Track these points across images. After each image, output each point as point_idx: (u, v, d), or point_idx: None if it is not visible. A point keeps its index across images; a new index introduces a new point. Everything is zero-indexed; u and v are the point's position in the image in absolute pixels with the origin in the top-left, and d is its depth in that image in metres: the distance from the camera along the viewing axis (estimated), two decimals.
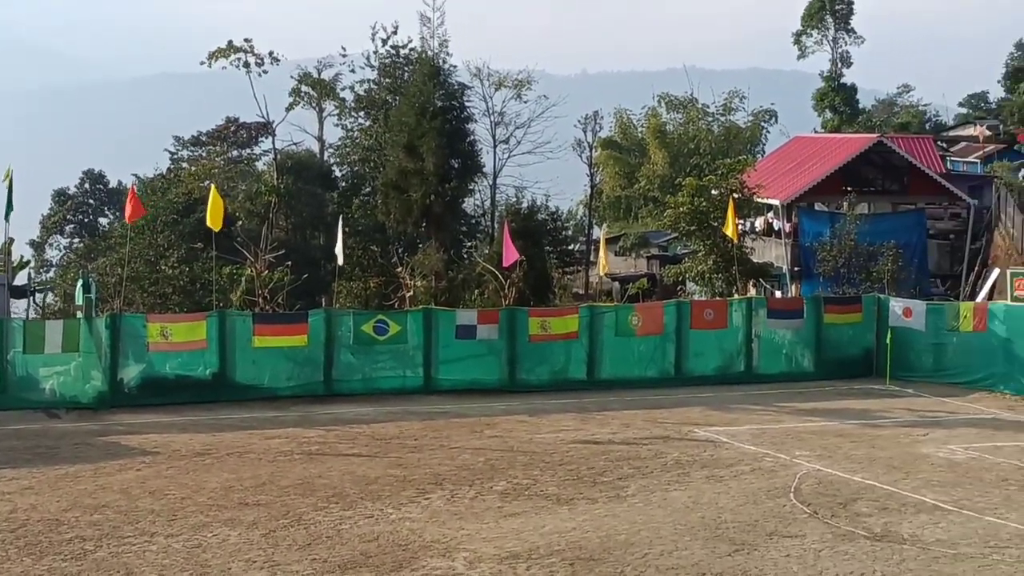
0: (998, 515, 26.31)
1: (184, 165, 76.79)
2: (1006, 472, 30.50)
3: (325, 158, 77.21)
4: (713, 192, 53.24)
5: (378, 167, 70.29)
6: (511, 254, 44.76)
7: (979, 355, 43.34)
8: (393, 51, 76.90)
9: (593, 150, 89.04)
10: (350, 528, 24.94)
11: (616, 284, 67.73)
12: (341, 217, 48.56)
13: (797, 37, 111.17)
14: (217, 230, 41.68)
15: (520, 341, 42.23)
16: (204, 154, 78.98)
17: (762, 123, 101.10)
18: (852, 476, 29.79)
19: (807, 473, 30.06)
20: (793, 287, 57.12)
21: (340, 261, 44.85)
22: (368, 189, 72.56)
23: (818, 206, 59.51)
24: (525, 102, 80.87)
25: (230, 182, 72.44)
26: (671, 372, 44.03)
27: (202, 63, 74.76)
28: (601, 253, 48.54)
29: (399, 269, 49.95)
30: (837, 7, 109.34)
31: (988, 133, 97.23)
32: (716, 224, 51.46)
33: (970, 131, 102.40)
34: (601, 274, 59.97)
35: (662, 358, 44.10)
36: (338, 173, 76.52)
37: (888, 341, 44.12)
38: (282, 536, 24.28)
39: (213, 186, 45.54)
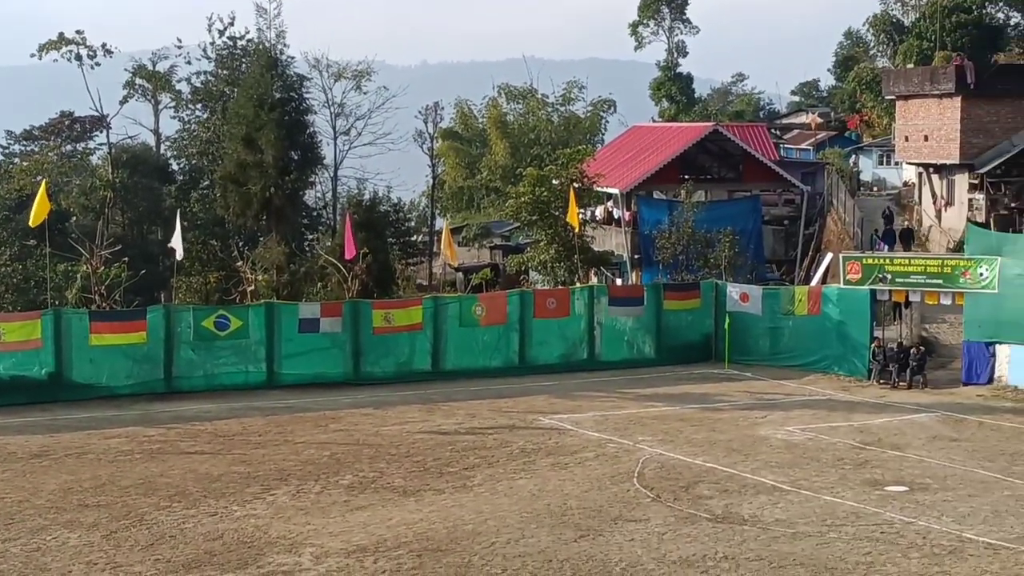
0: (835, 494, 27.10)
1: (16, 160, 74.62)
2: (841, 452, 31.39)
3: (162, 151, 75.80)
4: (554, 182, 53.52)
5: (216, 160, 69.37)
6: (351, 247, 44.51)
7: (814, 338, 44.31)
8: (230, 42, 75.73)
9: (434, 141, 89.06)
10: (194, 527, 24.68)
11: (460, 275, 67.87)
12: (179, 211, 47.89)
13: (634, 27, 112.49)
14: (34, 226, 40.56)
15: (364, 333, 42.07)
16: (37, 149, 76.94)
17: (601, 113, 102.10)
18: (693, 460, 30.40)
19: (650, 458, 30.59)
20: (634, 275, 57.64)
21: (179, 256, 44.34)
22: (207, 182, 71.40)
23: (657, 194, 60.17)
24: (365, 93, 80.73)
25: (64, 177, 70.73)
26: (515, 361, 44.21)
27: (32, 55, 73.26)
28: (446, 242, 48.41)
29: (239, 263, 49.29)
30: None
31: (820, 120, 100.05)
32: (557, 213, 51.78)
33: (803, 119, 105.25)
34: (452, 263, 59.94)
35: (506, 347, 44.25)
36: (176, 167, 75.13)
37: (726, 326, 45.01)
38: (124, 537, 23.97)
39: (44, 182, 44.35)
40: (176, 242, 43.48)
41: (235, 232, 66.63)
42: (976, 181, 56.07)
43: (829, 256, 54.06)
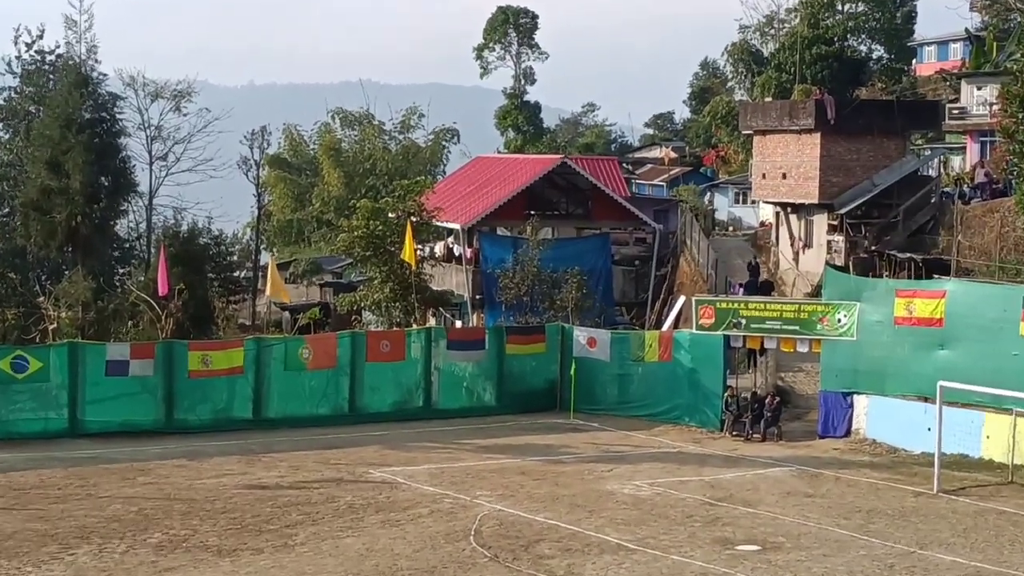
0: (683, 553, 27.44)
1: None
2: (691, 508, 31.76)
3: None
4: (390, 215, 53.61)
5: (18, 185, 67.62)
6: (165, 282, 43.92)
7: (664, 386, 45.00)
8: (38, 56, 74.36)
9: (261, 168, 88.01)
10: None
11: (286, 314, 67.28)
12: None
13: (479, 51, 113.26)
14: None
15: (178, 377, 41.49)
16: None
17: (443, 142, 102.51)
18: (535, 516, 30.47)
19: (488, 514, 30.59)
20: (475, 316, 58.10)
21: None
22: (6, 210, 69.94)
23: (500, 230, 60.82)
24: (185, 115, 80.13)
25: None
26: (345, 409, 44.07)
27: None
28: (272, 277, 47.96)
29: (41, 298, 48.15)
30: (520, 21, 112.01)
31: (674, 155, 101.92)
32: (393, 249, 51.71)
33: (656, 153, 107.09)
34: (281, 301, 59.30)
35: (335, 394, 44.09)
36: None
37: (572, 372, 45.35)
38: None
39: None
40: None
41: (37, 264, 64.96)
42: (836, 222, 57.27)
43: (681, 299, 54.92)
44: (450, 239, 60.87)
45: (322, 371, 43.68)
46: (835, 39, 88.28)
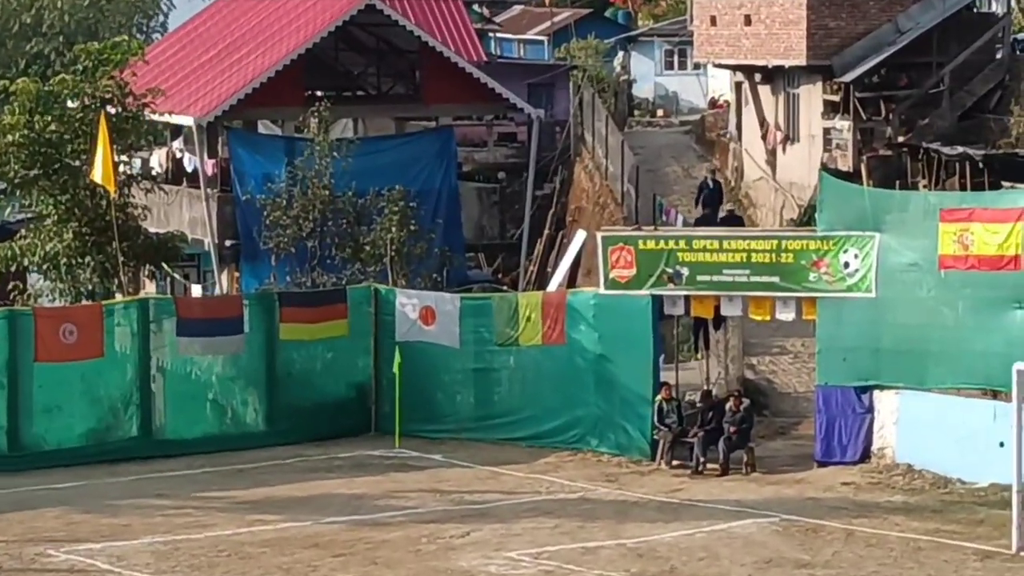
0: None
1: None
2: None
3: None
4: (71, 104, 52.88)
5: None
6: None
7: (554, 388, 45.53)
8: None
9: None
10: None
11: None
12: None
13: None
14: None
15: None
16: None
17: None
18: None
19: None
20: (225, 276, 58.63)
21: None
22: None
23: (265, 126, 61.50)
24: None
25: None
26: (3, 447, 44.23)
27: None
28: None
29: None
30: None
31: None
32: (78, 164, 51.27)
33: None
34: None
35: None
36: None
37: (396, 369, 45.55)
38: None
39: None
40: None
41: None
42: (836, 97, 57.99)
43: (580, 237, 55.53)
44: (177, 144, 60.33)
45: None
46: None
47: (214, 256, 58.13)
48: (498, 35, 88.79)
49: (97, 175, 48.24)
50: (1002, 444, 36.84)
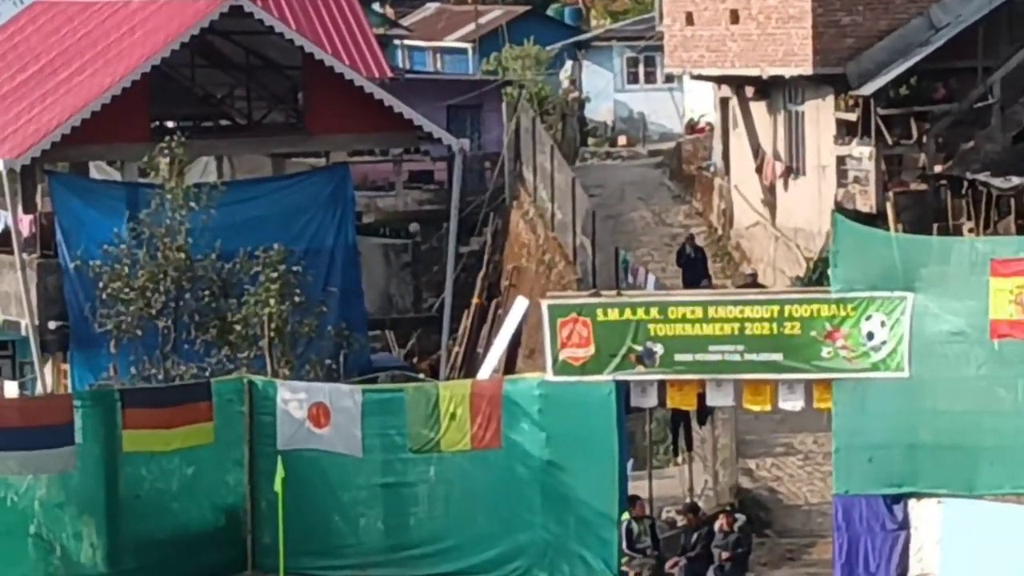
0: None
1: None
2: None
3: None
4: None
5: None
6: None
7: (489, 507, 41.02)
8: None
9: None
10: None
11: None
12: None
13: None
14: None
15: None
16: None
17: None
18: None
19: None
20: (49, 369, 54.21)
21: None
22: None
23: (99, 169, 57.85)
24: None
25: None
26: None
27: None
28: None
29: None
30: None
31: None
32: None
33: None
34: None
35: None
36: None
37: (277, 487, 40.46)
38: None
39: None
40: None
41: None
42: (853, 115, 54.33)
43: (522, 307, 52.02)
44: None
45: None
46: None
47: (34, 343, 54.73)
48: (407, 43, 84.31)
49: None
50: None
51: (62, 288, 52.60)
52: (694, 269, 53.00)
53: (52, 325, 53.12)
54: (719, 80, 59.70)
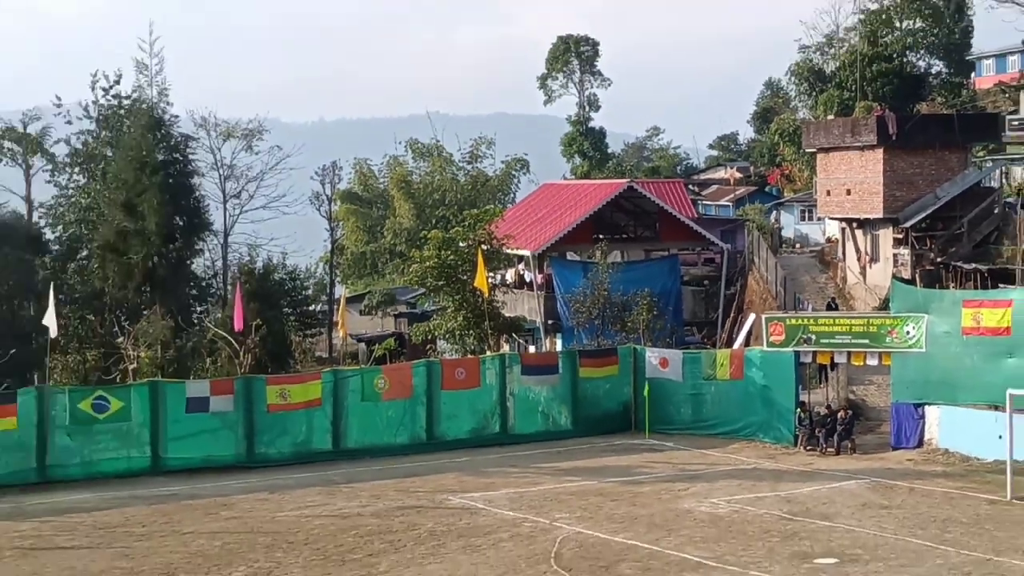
0: (762, 569, 27.18)
1: None
2: (768, 524, 31.51)
3: (34, 220, 73.42)
4: (461, 244, 53.64)
5: (96, 228, 67.65)
6: (241, 318, 44.13)
7: (737, 404, 44.65)
8: (115, 101, 74.02)
9: (332, 203, 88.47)
10: None
11: (362, 345, 67.47)
12: (53, 284, 46.36)
13: (543, 80, 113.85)
14: None
15: (258, 412, 41.32)
16: None
17: (513, 171, 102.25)
18: (614, 537, 30.26)
19: (567, 536, 30.38)
20: (547, 341, 57.84)
21: (53, 333, 43.11)
22: (85, 252, 69.80)
23: (570, 255, 60.66)
24: (257, 153, 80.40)
25: None
26: (423, 437, 43.79)
27: None
28: (340, 312, 48.18)
29: (120, 339, 48.30)
30: (582, 49, 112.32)
31: (739, 175, 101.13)
32: (465, 278, 51.82)
33: (721, 174, 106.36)
34: (342, 336, 59.31)
35: (412, 422, 43.85)
36: (50, 235, 72.46)
37: (646, 393, 45.12)
38: None
39: None
40: (49, 318, 42.22)
41: (115, 306, 64.55)
42: (901, 236, 56.97)
43: (752, 317, 54.54)
44: (521, 266, 60.92)
45: (398, 400, 43.49)
46: (894, 56, 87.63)
47: (542, 330, 57.95)
48: (703, 202, 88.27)
49: (477, 283, 48.79)
50: (1000, 437, 36.20)
51: (555, 306, 56.65)
52: (831, 307, 53.57)
53: (549, 322, 57.34)
54: (841, 219, 61.80)
